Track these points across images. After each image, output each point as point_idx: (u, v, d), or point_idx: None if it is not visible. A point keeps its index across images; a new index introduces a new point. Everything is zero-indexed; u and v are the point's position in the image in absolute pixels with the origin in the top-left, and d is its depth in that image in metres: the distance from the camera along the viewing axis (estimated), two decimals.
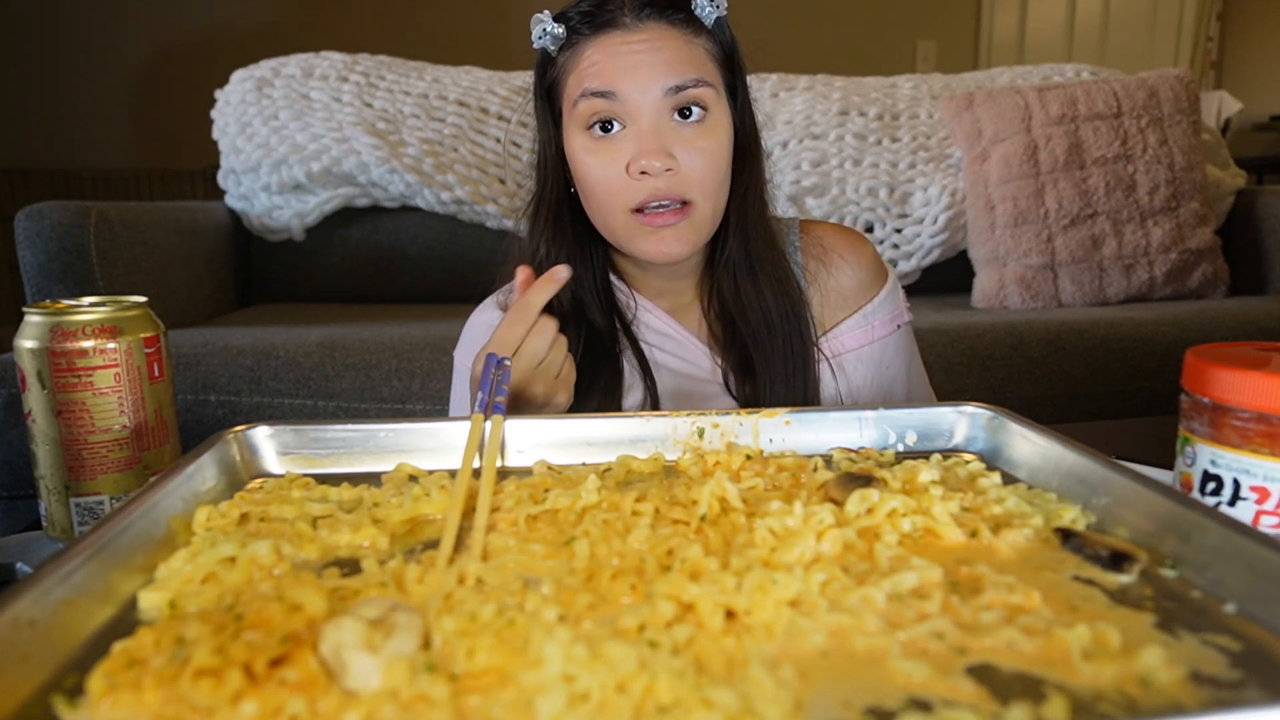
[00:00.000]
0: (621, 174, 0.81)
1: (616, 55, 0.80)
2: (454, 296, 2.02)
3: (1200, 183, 1.93)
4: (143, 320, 0.66)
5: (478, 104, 2.04)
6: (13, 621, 0.35)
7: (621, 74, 0.80)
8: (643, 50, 0.80)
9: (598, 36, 0.81)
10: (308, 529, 0.48)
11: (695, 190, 0.82)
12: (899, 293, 0.97)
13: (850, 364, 0.93)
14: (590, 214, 0.87)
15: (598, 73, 0.80)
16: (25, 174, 3.13)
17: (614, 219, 0.83)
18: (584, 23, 0.82)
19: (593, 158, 0.82)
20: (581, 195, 0.86)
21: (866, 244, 0.96)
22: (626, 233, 0.83)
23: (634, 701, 0.32)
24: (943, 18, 3.92)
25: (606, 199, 0.82)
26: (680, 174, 0.80)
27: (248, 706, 0.31)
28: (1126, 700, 0.32)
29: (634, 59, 0.80)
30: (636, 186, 0.81)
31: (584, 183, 0.84)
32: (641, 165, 0.79)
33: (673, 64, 0.80)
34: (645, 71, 0.80)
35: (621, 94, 0.80)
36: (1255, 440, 0.49)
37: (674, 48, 0.81)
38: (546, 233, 0.89)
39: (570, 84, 0.83)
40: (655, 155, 0.79)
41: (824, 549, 0.44)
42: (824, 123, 2.07)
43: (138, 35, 3.26)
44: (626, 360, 0.90)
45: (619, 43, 0.80)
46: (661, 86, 0.80)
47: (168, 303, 1.71)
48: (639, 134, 0.80)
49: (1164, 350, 1.58)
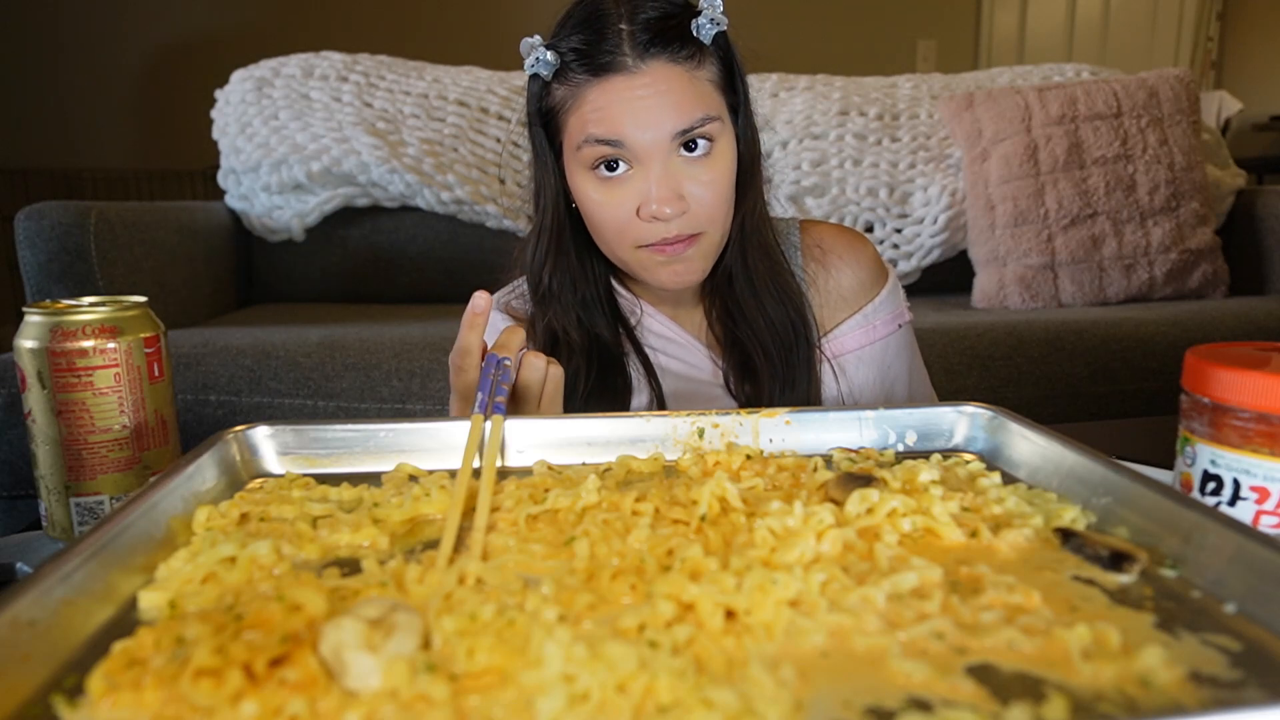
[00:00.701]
0: (631, 216, 0.80)
1: (622, 102, 0.77)
2: (454, 296, 2.02)
3: (1200, 183, 1.93)
4: (143, 320, 0.66)
5: (478, 104, 2.04)
6: (13, 621, 0.35)
7: (628, 121, 0.77)
8: (648, 95, 0.77)
9: (600, 80, 0.78)
10: (308, 529, 0.48)
11: (705, 223, 0.81)
12: (899, 293, 0.96)
13: (851, 364, 0.93)
14: (598, 242, 0.86)
15: (602, 119, 0.78)
16: (25, 174, 3.13)
17: (623, 253, 0.83)
18: (580, 61, 0.79)
19: (600, 196, 0.80)
20: (589, 227, 0.85)
21: (866, 244, 0.96)
22: (638, 265, 0.83)
23: (634, 701, 0.32)
24: (943, 18, 3.92)
25: (616, 238, 0.82)
26: (690, 212, 0.79)
27: (248, 706, 0.31)
28: (1126, 700, 0.32)
29: (640, 105, 0.77)
30: (647, 229, 0.80)
31: (591, 219, 0.83)
32: (653, 211, 0.78)
33: (679, 106, 0.78)
34: (652, 117, 0.77)
35: (629, 141, 0.78)
36: (1255, 440, 0.49)
37: (679, 88, 0.78)
38: (549, 261, 0.88)
39: (572, 124, 0.80)
40: (668, 202, 0.78)
41: (824, 549, 0.44)
42: (824, 123, 2.07)
43: (138, 35, 3.26)
44: (631, 365, 0.89)
45: (623, 88, 0.77)
46: (669, 132, 0.78)
47: (168, 303, 1.72)
48: (647, 176, 0.78)
49: (1164, 350, 1.58)
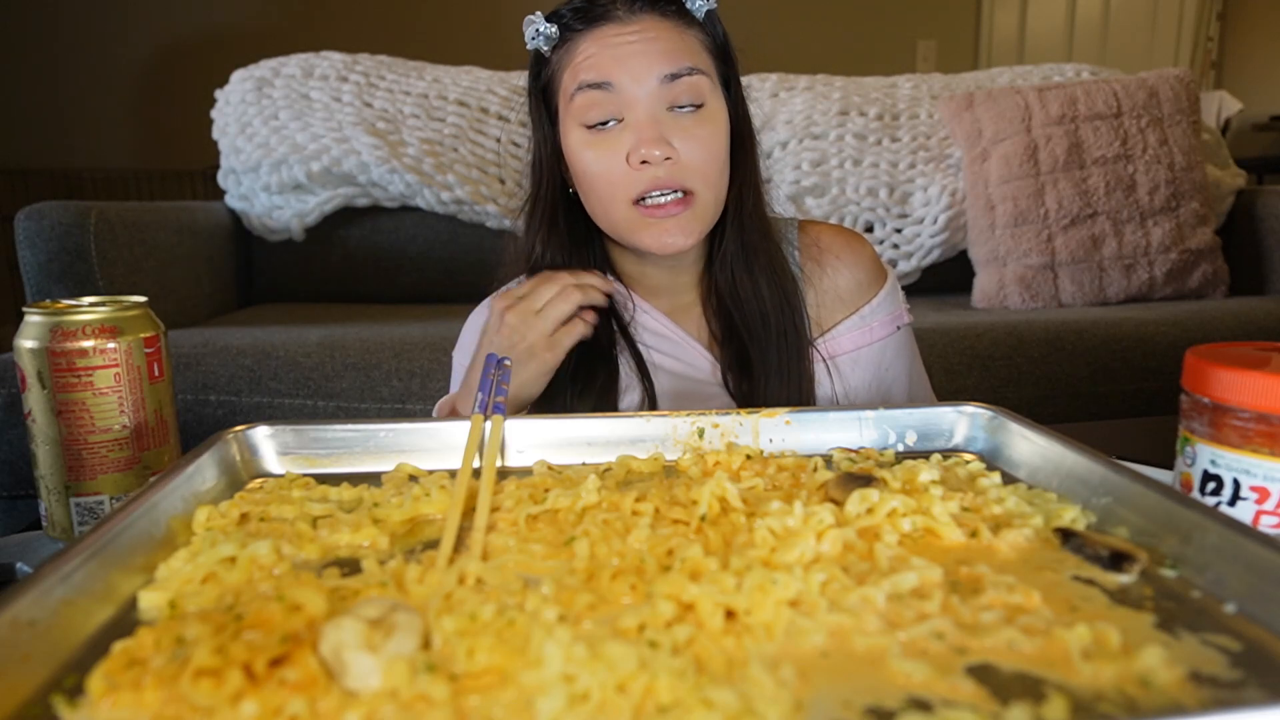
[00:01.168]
0: (621, 165, 0.81)
1: (611, 46, 0.80)
2: (454, 296, 2.02)
3: (1200, 183, 1.93)
4: (143, 320, 0.66)
5: (478, 104, 2.04)
6: (13, 621, 0.35)
7: (616, 64, 0.80)
8: (637, 40, 0.80)
9: (591, 30, 0.82)
10: (308, 529, 0.48)
11: (696, 179, 0.82)
12: (898, 294, 0.96)
13: (848, 365, 0.92)
14: (591, 209, 0.86)
15: (593, 65, 0.81)
16: (25, 174, 3.13)
17: (615, 211, 0.83)
18: (576, 18, 0.82)
19: (591, 151, 0.82)
20: (581, 191, 0.86)
21: (865, 244, 0.96)
22: (629, 225, 0.83)
23: (634, 701, 0.32)
24: (943, 18, 3.91)
25: (608, 191, 0.82)
26: (680, 162, 0.81)
27: (248, 706, 0.31)
28: (1126, 700, 0.32)
29: (628, 49, 0.80)
30: (637, 176, 0.81)
31: (584, 177, 0.84)
32: (641, 154, 0.79)
33: (668, 53, 0.80)
34: (640, 61, 0.80)
35: (617, 84, 0.80)
36: (1255, 440, 0.49)
37: (668, 37, 0.81)
38: (542, 232, 0.89)
39: (566, 79, 0.83)
40: (654, 144, 0.79)
41: (824, 549, 0.44)
42: (824, 123, 2.07)
43: (138, 35, 3.26)
44: (624, 361, 0.89)
45: (613, 35, 0.81)
46: (657, 75, 0.80)
47: (168, 303, 1.71)
48: (637, 124, 0.80)
49: (1164, 350, 1.58)
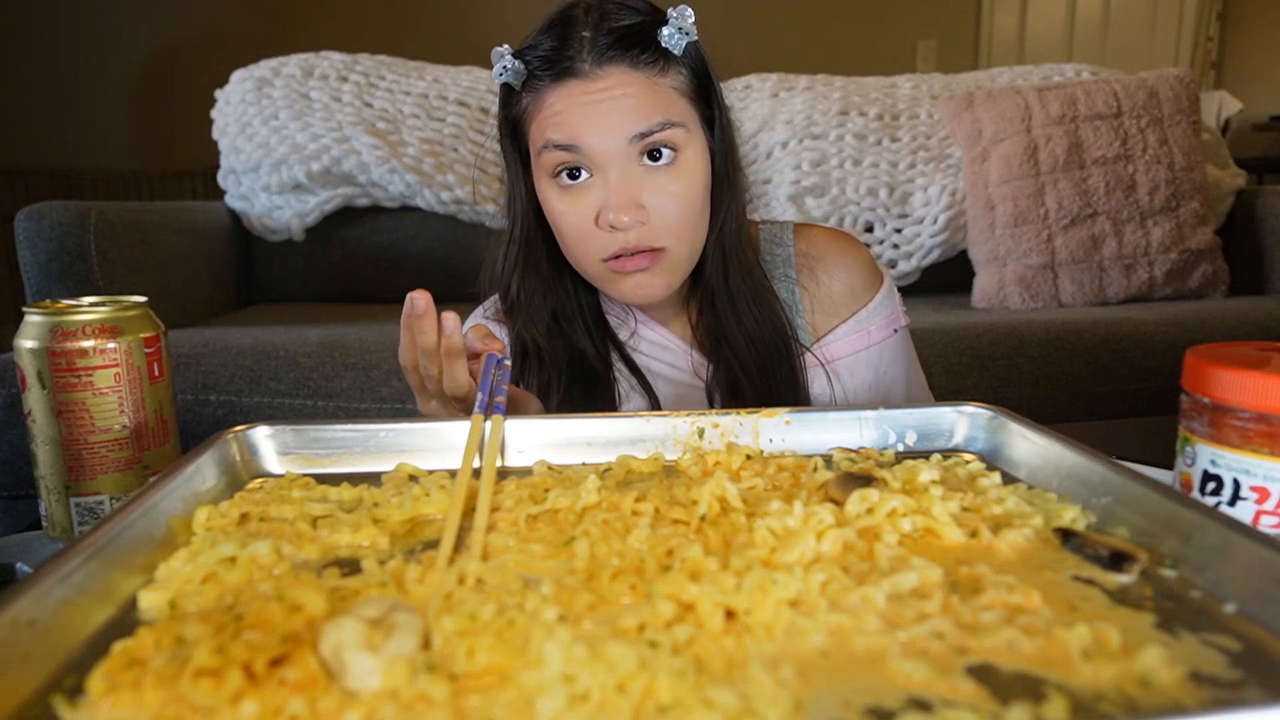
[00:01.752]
0: (591, 224, 0.79)
1: (578, 105, 0.77)
2: (454, 296, 2.00)
3: (1200, 183, 1.93)
4: (143, 320, 0.66)
5: (478, 104, 2.04)
6: (13, 621, 0.35)
7: (583, 125, 0.76)
8: (604, 99, 0.76)
9: (558, 85, 0.78)
10: (308, 529, 0.48)
11: (667, 236, 0.79)
12: (895, 297, 0.95)
13: (845, 370, 0.92)
14: (567, 256, 0.85)
15: (559, 124, 0.77)
16: (25, 174, 3.13)
17: (586, 265, 0.82)
18: (543, 67, 0.78)
19: (561, 204, 0.80)
20: (558, 239, 0.84)
21: (860, 249, 0.95)
22: (602, 278, 0.82)
23: (634, 701, 0.32)
24: (943, 18, 3.91)
25: (579, 247, 0.81)
26: (651, 224, 0.78)
27: (248, 706, 0.31)
28: (1126, 700, 0.32)
29: (595, 109, 0.76)
30: (606, 239, 0.78)
31: (555, 228, 0.82)
32: (610, 220, 0.77)
33: (638, 109, 0.76)
34: (608, 121, 0.76)
35: (585, 146, 0.77)
36: (1255, 440, 0.49)
37: (637, 92, 0.77)
38: (518, 271, 0.87)
39: (534, 131, 0.80)
40: (624, 209, 0.77)
41: (824, 549, 0.44)
42: (824, 123, 2.07)
43: (138, 35, 3.26)
44: (623, 376, 0.89)
45: (579, 92, 0.77)
46: (626, 136, 0.76)
47: (168, 303, 1.71)
48: (606, 185, 0.78)
49: (1164, 350, 1.58)
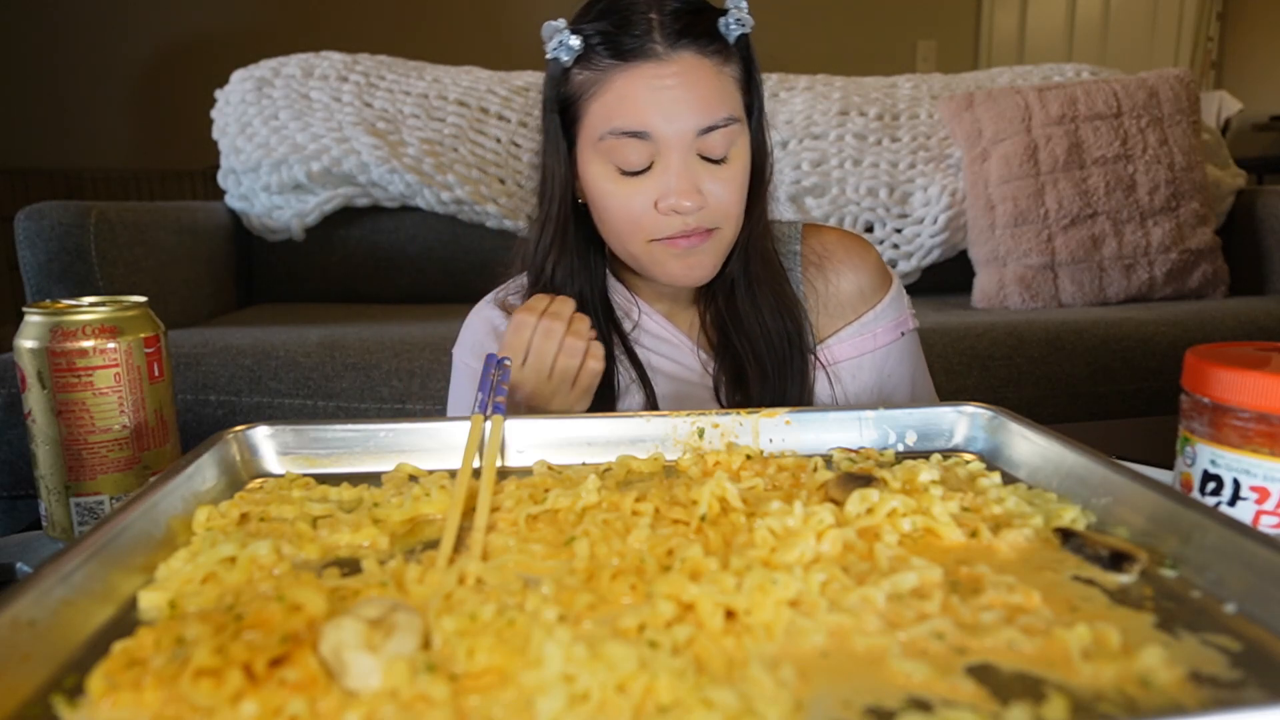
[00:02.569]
0: (648, 209, 0.79)
1: (650, 90, 0.77)
2: (454, 296, 2.02)
3: (1200, 183, 1.93)
4: (143, 320, 0.66)
5: (478, 104, 2.04)
6: (13, 621, 0.35)
7: (656, 112, 0.77)
8: (676, 86, 0.77)
9: (629, 66, 0.77)
10: (308, 529, 0.48)
11: (720, 219, 0.81)
12: (903, 300, 0.95)
13: (848, 372, 0.92)
14: (606, 236, 0.85)
15: (631, 111, 0.77)
16: (25, 174, 3.12)
17: (634, 247, 0.82)
18: (607, 45, 0.78)
19: (620, 189, 0.80)
20: (598, 219, 0.84)
21: (870, 250, 0.95)
22: (649, 259, 0.82)
23: (634, 701, 0.32)
24: (943, 18, 3.91)
25: (630, 231, 0.81)
26: (708, 207, 0.79)
27: (248, 706, 0.31)
28: (1126, 700, 0.32)
29: (668, 95, 0.76)
30: (664, 221, 0.79)
31: (604, 211, 0.82)
32: (672, 204, 0.78)
33: (706, 100, 0.77)
34: (680, 109, 0.77)
35: (655, 133, 0.77)
36: (1255, 440, 0.49)
37: (706, 81, 0.78)
38: (553, 254, 0.87)
39: (594, 112, 0.79)
40: (688, 195, 0.78)
41: (824, 549, 0.44)
42: (824, 123, 2.07)
43: (138, 35, 3.26)
44: (623, 366, 0.89)
45: (652, 76, 0.77)
46: (695, 127, 0.77)
47: (168, 303, 1.71)
48: (667, 170, 0.78)
49: (1164, 350, 1.58)
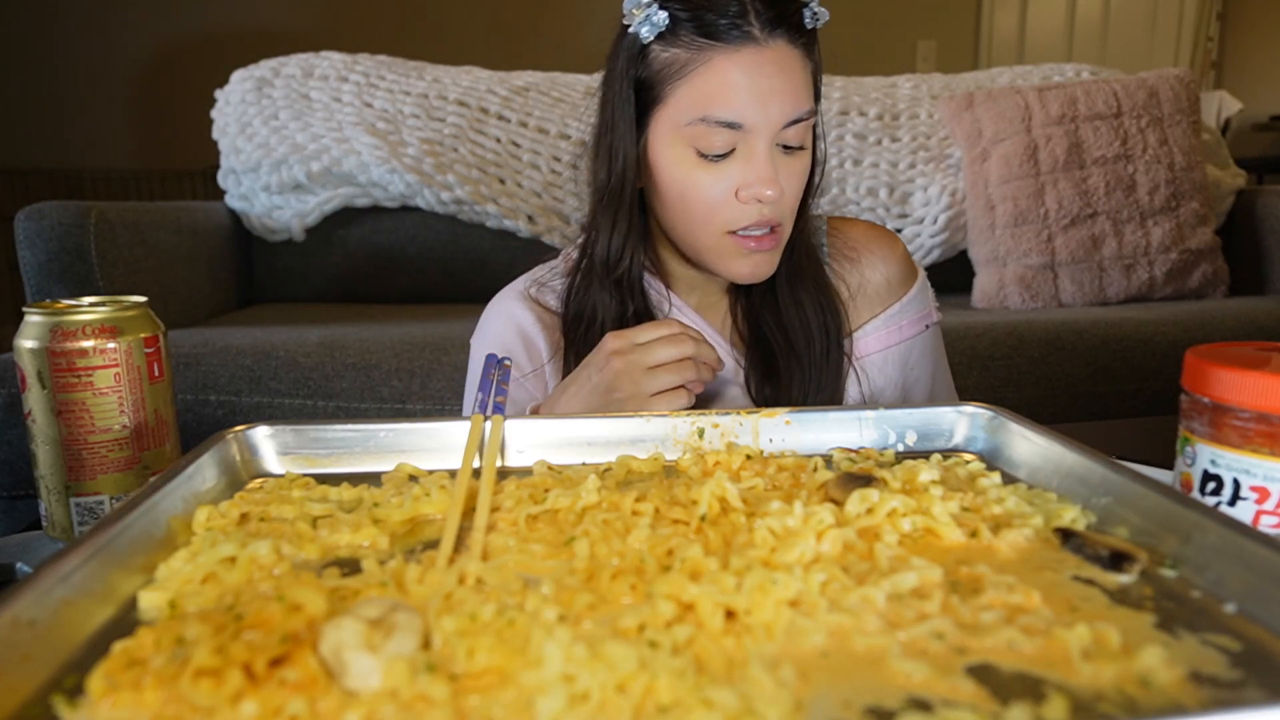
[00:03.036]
0: (728, 196, 0.79)
1: (752, 78, 0.76)
2: (454, 296, 2.03)
3: (1200, 183, 1.93)
4: (143, 320, 0.66)
5: (478, 104, 2.04)
6: (13, 621, 0.35)
7: (753, 102, 0.76)
8: (775, 76, 0.76)
9: (728, 50, 0.76)
10: (308, 529, 0.48)
11: (787, 214, 0.81)
12: (928, 292, 0.96)
13: (875, 365, 0.92)
14: (671, 224, 0.84)
15: (732, 99, 0.76)
16: (25, 174, 3.13)
17: (706, 238, 0.81)
18: (701, 26, 0.76)
19: (697, 175, 0.79)
20: (667, 206, 0.82)
21: (898, 242, 0.95)
22: (718, 252, 0.82)
23: (634, 701, 0.32)
24: (943, 18, 3.91)
25: (704, 217, 0.80)
26: (782, 200, 0.80)
27: (248, 706, 0.31)
28: (1126, 700, 0.32)
29: (768, 85, 0.76)
30: (743, 210, 0.79)
31: (679, 198, 0.81)
32: (755, 193, 0.78)
33: (796, 92, 0.77)
34: (776, 101, 0.76)
35: (749, 124, 0.77)
36: (1255, 440, 0.49)
37: (797, 72, 0.78)
38: (621, 228, 0.85)
39: (682, 94, 0.78)
40: (771, 184, 0.77)
41: (824, 549, 0.44)
42: (824, 123, 2.06)
43: (138, 35, 3.26)
44: None
45: (752, 64, 0.75)
46: (784, 118, 0.77)
47: (168, 303, 1.71)
48: (752, 158, 0.78)
49: (1164, 350, 1.58)
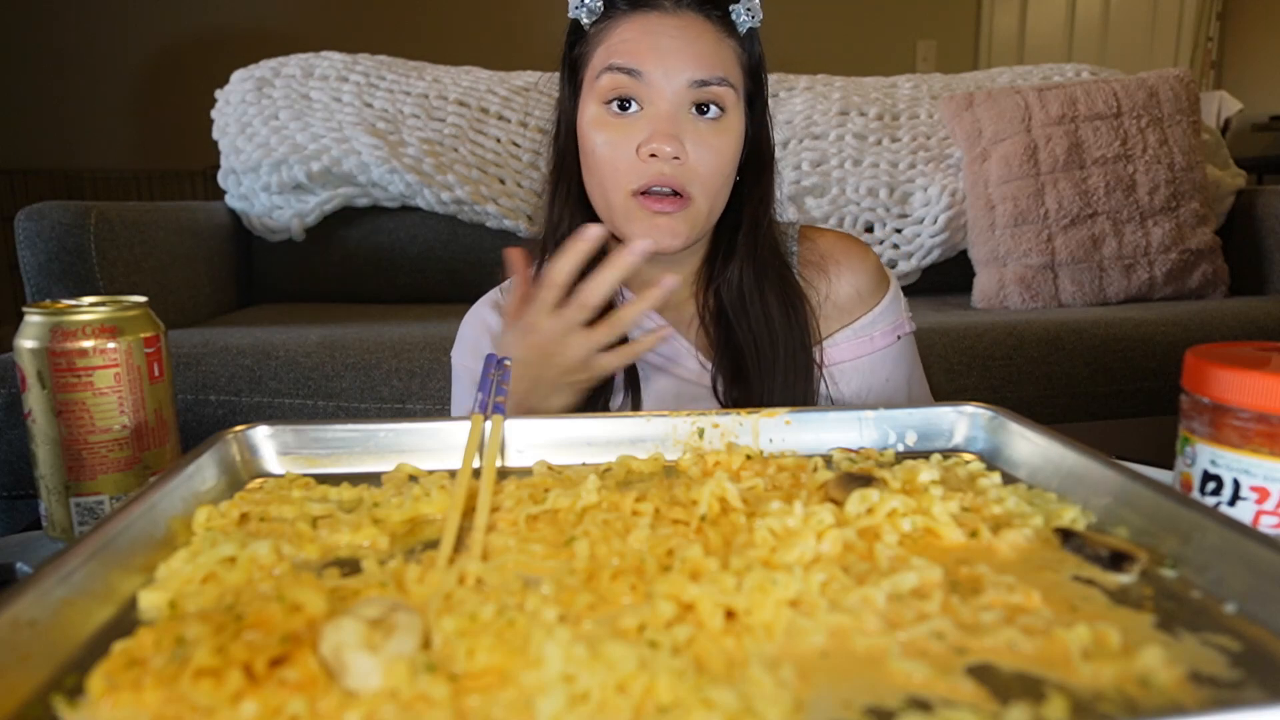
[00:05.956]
0: (630, 154, 0.81)
1: (650, 34, 0.80)
2: (454, 296, 2.02)
3: (1200, 183, 1.93)
4: (143, 320, 0.66)
5: (478, 104, 2.04)
6: (13, 621, 0.35)
7: (651, 54, 0.80)
8: (676, 36, 0.80)
9: (634, 14, 0.82)
10: (308, 529, 0.48)
11: (696, 185, 0.81)
12: (900, 303, 0.95)
13: (845, 374, 0.91)
14: (590, 188, 0.86)
15: (628, 49, 0.81)
16: (25, 174, 3.13)
17: (614, 197, 0.83)
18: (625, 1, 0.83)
19: (604, 133, 0.82)
20: (585, 169, 0.86)
21: (868, 253, 0.95)
22: (624, 213, 0.83)
23: (634, 701, 0.31)
24: (943, 18, 3.92)
25: (610, 176, 0.82)
26: (686, 165, 0.80)
27: (248, 706, 0.31)
28: (1126, 700, 0.32)
29: (667, 42, 0.80)
30: (642, 168, 0.80)
31: (590, 156, 0.84)
32: (651, 148, 0.79)
33: (702, 57, 0.80)
34: (675, 58, 0.80)
35: (647, 75, 0.80)
36: (1255, 440, 0.49)
37: (706, 41, 0.81)
38: (571, 203, 0.88)
39: (597, 56, 0.83)
40: (667, 140, 0.79)
41: (824, 549, 0.44)
42: (824, 123, 2.07)
43: (138, 35, 3.26)
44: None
45: (655, 23, 0.81)
46: (688, 77, 0.80)
47: (168, 303, 1.71)
48: (655, 117, 0.80)
49: (1164, 350, 1.58)
